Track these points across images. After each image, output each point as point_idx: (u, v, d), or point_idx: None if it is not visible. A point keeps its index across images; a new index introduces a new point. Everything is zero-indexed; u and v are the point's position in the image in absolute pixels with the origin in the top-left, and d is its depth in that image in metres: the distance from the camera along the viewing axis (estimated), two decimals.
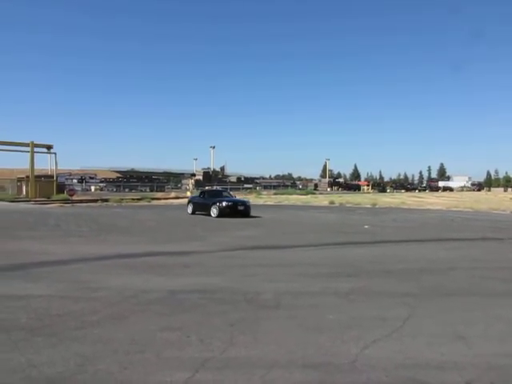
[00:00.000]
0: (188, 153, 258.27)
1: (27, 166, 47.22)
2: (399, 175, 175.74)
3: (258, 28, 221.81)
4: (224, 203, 25.31)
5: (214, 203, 25.35)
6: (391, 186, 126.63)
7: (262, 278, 8.88)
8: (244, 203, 26.55)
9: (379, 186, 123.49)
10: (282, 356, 4.75)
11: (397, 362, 4.60)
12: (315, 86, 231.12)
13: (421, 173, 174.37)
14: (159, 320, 5.96)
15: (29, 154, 46.41)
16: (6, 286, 7.87)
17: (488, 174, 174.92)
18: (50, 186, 47.06)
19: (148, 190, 74.17)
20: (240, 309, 6.55)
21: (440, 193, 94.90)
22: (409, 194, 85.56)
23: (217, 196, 28.04)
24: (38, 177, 48.50)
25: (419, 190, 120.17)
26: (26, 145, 46.47)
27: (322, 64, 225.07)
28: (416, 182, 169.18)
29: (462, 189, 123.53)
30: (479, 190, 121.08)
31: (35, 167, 47.12)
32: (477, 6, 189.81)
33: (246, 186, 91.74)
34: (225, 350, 4.89)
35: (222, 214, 24.68)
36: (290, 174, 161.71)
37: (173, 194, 58.39)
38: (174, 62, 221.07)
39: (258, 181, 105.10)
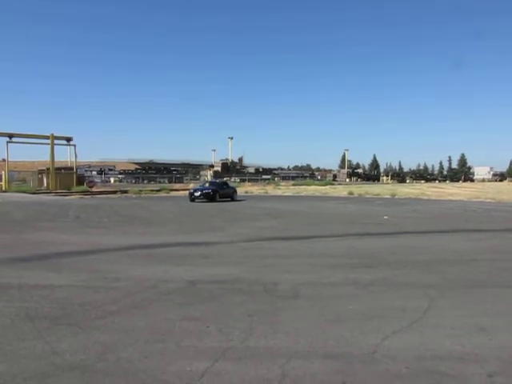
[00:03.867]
0: (206, 144, 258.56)
1: (48, 158, 47.89)
2: (419, 165, 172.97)
3: (276, 19, 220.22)
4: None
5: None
6: (411, 177, 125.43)
7: (281, 268, 8.87)
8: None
9: (399, 176, 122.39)
10: (301, 346, 4.74)
11: (417, 354, 4.55)
12: (334, 76, 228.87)
13: (441, 163, 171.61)
14: (179, 310, 6.00)
15: (49, 147, 47.05)
16: (29, 276, 8.01)
17: (511, 163, 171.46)
18: (70, 178, 47.75)
19: (166, 181, 74.61)
20: (259, 299, 6.56)
21: (461, 183, 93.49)
22: (429, 184, 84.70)
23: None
24: (59, 169, 49.20)
25: (439, 181, 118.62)
26: (47, 137, 47.15)
27: (339, 54, 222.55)
28: (436, 172, 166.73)
29: (483, 179, 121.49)
30: (501, 181, 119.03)
31: (55, 159, 47.81)
32: None
33: (264, 176, 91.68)
34: (244, 339, 4.90)
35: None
36: (308, 165, 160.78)
37: (191, 185, 58.60)
38: (192, 53, 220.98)
39: (276, 172, 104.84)
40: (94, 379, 3.94)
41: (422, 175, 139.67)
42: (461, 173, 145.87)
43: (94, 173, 76.17)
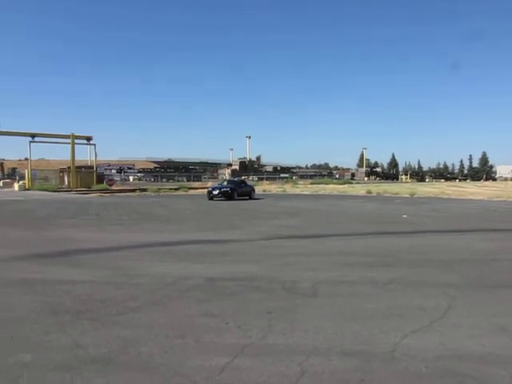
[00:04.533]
0: (224, 143, 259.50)
1: (68, 157, 48.61)
2: (438, 164, 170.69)
3: (300, 15, 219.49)
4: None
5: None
6: (430, 176, 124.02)
7: (299, 266, 8.88)
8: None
9: (418, 175, 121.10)
10: (320, 343, 4.75)
11: (437, 353, 4.52)
12: (353, 74, 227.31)
13: (462, 162, 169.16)
14: (198, 306, 6.06)
15: (70, 146, 47.75)
16: (52, 272, 8.19)
17: None
18: (90, 177, 48.38)
19: (185, 179, 75.06)
20: (278, 297, 6.58)
21: (482, 182, 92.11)
22: (449, 183, 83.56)
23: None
24: (79, 167, 49.90)
25: (460, 180, 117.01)
26: (67, 137, 47.89)
27: (360, 52, 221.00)
28: (456, 171, 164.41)
29: (505, 178, 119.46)
30: None
31: (76, 158, 48.47)
32: None
33: (282, 175, 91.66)
34: (263, 336, 4.93)
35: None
36: (326, 164, 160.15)
37: (209, 184, 58.86)
38: (210, 52, 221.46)
39: (294, 170, 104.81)
40: (115, 372, 4.02)
41: (442, 174, 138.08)
42: (482, 172, 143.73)
43: (114, 171, 77.15)
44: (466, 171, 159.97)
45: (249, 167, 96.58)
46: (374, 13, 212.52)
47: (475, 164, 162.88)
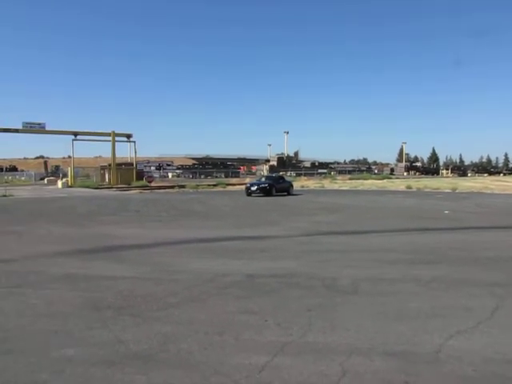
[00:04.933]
0: (262, 138, 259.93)
1: (109, 154, 49.70)
2: (481, 158, 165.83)
3: (335, 10, 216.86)
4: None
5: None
6: (473, 170, 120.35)
7: (339, 263, 8.76)
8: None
9: (459, 169, 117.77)
10: (361, 343, 4.65)
11: (485, 356, 4.32)
12: (393, 69, 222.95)
13: (506, 155, 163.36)
14: (237, 303, 6.05)
15: (110, 143, 48.80)
16: (94, 268, 8.37)
17: None
18: (130, 174, 49.29)
19: (223, 175, 75.47)
20: (317, 294, 6.50)
21: None
22: (492, 177, 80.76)
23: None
24: (119, 165, 50.91)
25: (504, 174, 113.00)
26: (108, 134, 48.96)
27: (401, 47, 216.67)
28: (500, 165, 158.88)
29: None
30: None
31: (116, 155, 49.49)
32: None
33: (320, 170, 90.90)
34: (303, 335, 4.87)
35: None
36: (365, 159, 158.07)
37: (247, 180, 59.04)
38: (248, 46, 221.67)
39: (332, 166, 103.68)
40: (156, 369, 4.04)
41: (485, 168, 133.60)
42: None
43: (153, 168, 78.37)
44: (511, 165, 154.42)
45: (287, 163, 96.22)
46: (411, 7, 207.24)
47: None
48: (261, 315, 5.53)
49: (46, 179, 54.37)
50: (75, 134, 47.29)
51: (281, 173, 64.62)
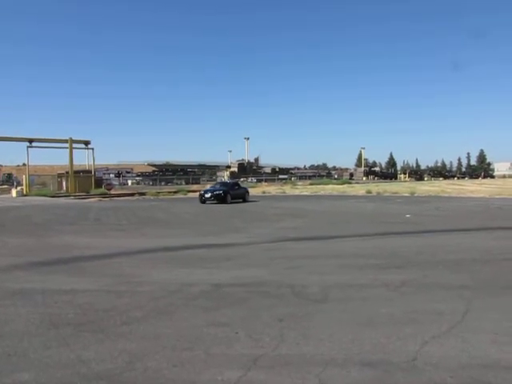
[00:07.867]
0: (222, 145, 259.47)
1: (67, 161, 48.34)
2: (436, 162, 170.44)
3: (291, 16, 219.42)
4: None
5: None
6: (429, 174, 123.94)
7: (307, 270, 8.63)
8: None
9: (416, 174, 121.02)
10: (336, 353, 4.50)
11: (461, 362, 4.26)
12: (350, 73, 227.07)
13: (459, 160, 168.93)
14: (205, 315, 5.80)
15: (68, 150, 47.47)
16: (52, 281, 7.92)
17: None
18: (89, 181, 48.11)
19: (183, 182, 74.77)
20: (288, 303, 6.33)
21: (481, 180, 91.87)
22: (447, 181, 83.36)
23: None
24: (77, 172, 49.66)
25: (458, 178, 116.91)
26: (65, 141, 47.60)
27: (355, 51, 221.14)
28: (454, 169, 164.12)
29: (504, 175, 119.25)
30: None
31: (74, 163, 48.20)
32: None
33: (281, 176, 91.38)
34: (276, 346, 4.68)
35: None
36: (324, 164, 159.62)
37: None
38: (206, 53, 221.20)
39: (292, 171, 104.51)
40: None
41: (440, 172, 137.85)
42: (480, 169, 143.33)
43: (112, 175, 76.88)
44: (463, 169, 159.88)
45: (247, 169, 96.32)
46: (356, 13, 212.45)
47: (473, 162, 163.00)
48: (231, 327, 5.31)
49: None
50: (30, 140, 45.60)
51: (242, 179, 64.52)
